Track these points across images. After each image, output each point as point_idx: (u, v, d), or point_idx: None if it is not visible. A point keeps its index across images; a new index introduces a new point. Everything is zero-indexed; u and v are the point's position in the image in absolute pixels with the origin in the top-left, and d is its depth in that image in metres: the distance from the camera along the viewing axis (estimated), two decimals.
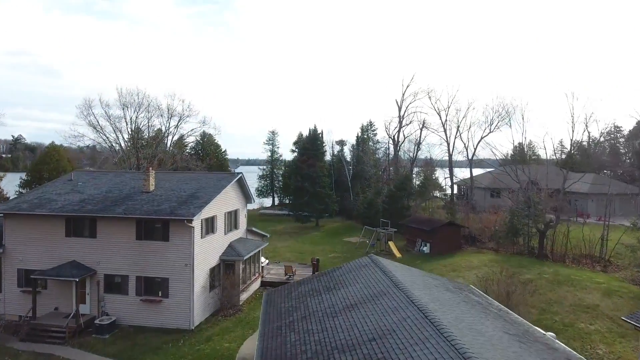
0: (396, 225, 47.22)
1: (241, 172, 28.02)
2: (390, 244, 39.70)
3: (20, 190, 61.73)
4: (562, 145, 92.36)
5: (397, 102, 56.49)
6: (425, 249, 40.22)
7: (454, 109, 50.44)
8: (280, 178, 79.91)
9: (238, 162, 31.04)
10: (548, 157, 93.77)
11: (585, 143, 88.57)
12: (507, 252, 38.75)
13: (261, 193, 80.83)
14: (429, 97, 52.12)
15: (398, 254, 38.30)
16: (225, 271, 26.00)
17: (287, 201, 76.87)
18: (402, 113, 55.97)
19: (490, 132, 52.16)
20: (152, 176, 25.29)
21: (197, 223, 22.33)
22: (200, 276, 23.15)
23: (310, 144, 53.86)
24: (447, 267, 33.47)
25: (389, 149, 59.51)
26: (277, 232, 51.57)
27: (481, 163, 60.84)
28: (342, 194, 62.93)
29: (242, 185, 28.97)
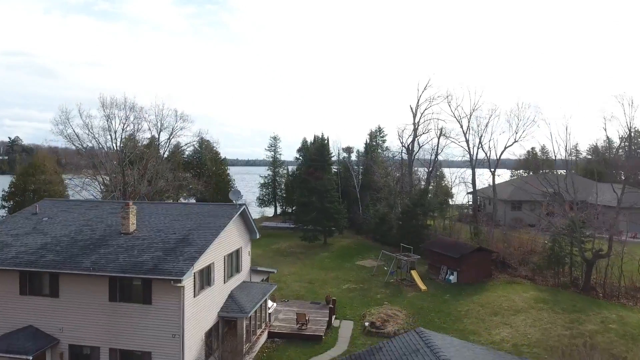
0: (413, 245, 41.91)
1: (244, 204, 22.53)
2: (413, 273, 34.25)
3: (3, 203, 56.12)
4: (577, 150, 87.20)
5: (411, 108, 50.99)
6: (451, 278, 34.84)
7: (475, 117, 45.24)
8: (282, 186, 74.42)
9: (239, 194, 24.95)
10: (561, 165, 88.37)
11: (602, 148, 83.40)
12: (546, 283, 33.44)
13: (263, 202, 75.31)
14: (449, 104, 46.50)
15: (423, 287, 32.87)
16: (225, 328, 20.59)
17: (289, 210, 71.48)
18: (417, 120, 50.48)
19: (515, 141, 46.58)
20: (132, 213, 19.77)
21: (188, 281, 16.84)
22: (193, 346, 17.67)
23: (318, 155, 48.37)
24: (486, 309, 28.01)
25: (402, 158, 53.98)
26: (281, 251, 46.11)
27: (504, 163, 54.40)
28: (349, 205, 57.38)
29: (245, 218, 23.48)
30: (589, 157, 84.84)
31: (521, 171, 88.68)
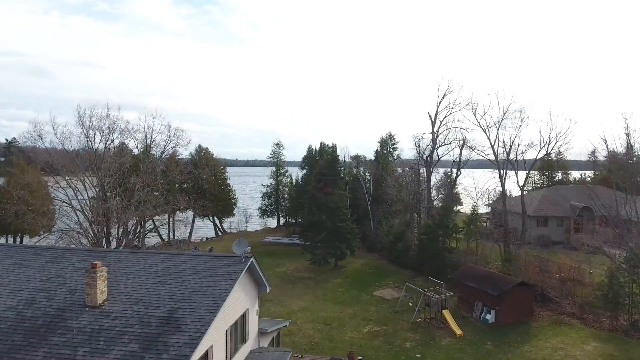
0: (436, 270, 36.84)
1: (252, 256, 17.05)
2: (446, 314, 28.86)
3: None
4: (594, 155, 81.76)
5: (429, 116, 45.53)
6: (488, 317, 29.51)
7: (503, 127, 39.07)
8: (286, 196, 69.02)
9: (245, 244, 19.14)
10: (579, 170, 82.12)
11: (621, 154, 77.95)
12: (600, 325, 28.17)
13: (265, 213, 69.81)
14: (473, 112, 40.90)
15: (458, 331, 27.48)
16: None
17: (293, 221, 66.16)
18: (436, 129, 45.05)
19: (547, 153, 41.19)
20: (101, 278, 14.31)
21: None
22: None
23: (328, 168, 42.91)
24: None
25: (419, 170, 48.56)
26: (288, 277, 40.70)
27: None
28: (359, 220, 51.86)
29: (252, 271, 18.04)
30: (603, 160, 79.20)
31: (536, 177, 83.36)
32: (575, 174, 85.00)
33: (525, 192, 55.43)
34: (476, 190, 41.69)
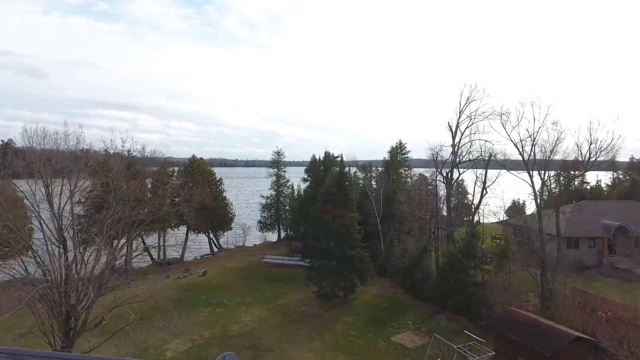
0: (461, 304, 31.29)
1: None
2: None
3: None
4: (614, 164, 75.96)
5: (449, 126, 39.67)
6: None
7: (539, 143, 32.22)
8: (287, 207, 63.16)
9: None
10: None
11: None
12: None
13: (264, 226, 63.90)
14: (503, 125, 34.86)
15: None
16: None
17: (294, 234, 60.33)
18: (457, 141, 39.13)
19: (585, 170, 35.29)
20: None
21: None
22: None
23: (336, 186, 36.97)
24: None
25: (437, 186, 42.64)
26: (291, 313, 34.85)
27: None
28: (367, 238, 45.86)
29: None
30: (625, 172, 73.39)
31: (552, 178, 77.44)
32: (591, 180, 78.87)
33: (543, 207, 49.65)
34: (504, 209, 35.69)
